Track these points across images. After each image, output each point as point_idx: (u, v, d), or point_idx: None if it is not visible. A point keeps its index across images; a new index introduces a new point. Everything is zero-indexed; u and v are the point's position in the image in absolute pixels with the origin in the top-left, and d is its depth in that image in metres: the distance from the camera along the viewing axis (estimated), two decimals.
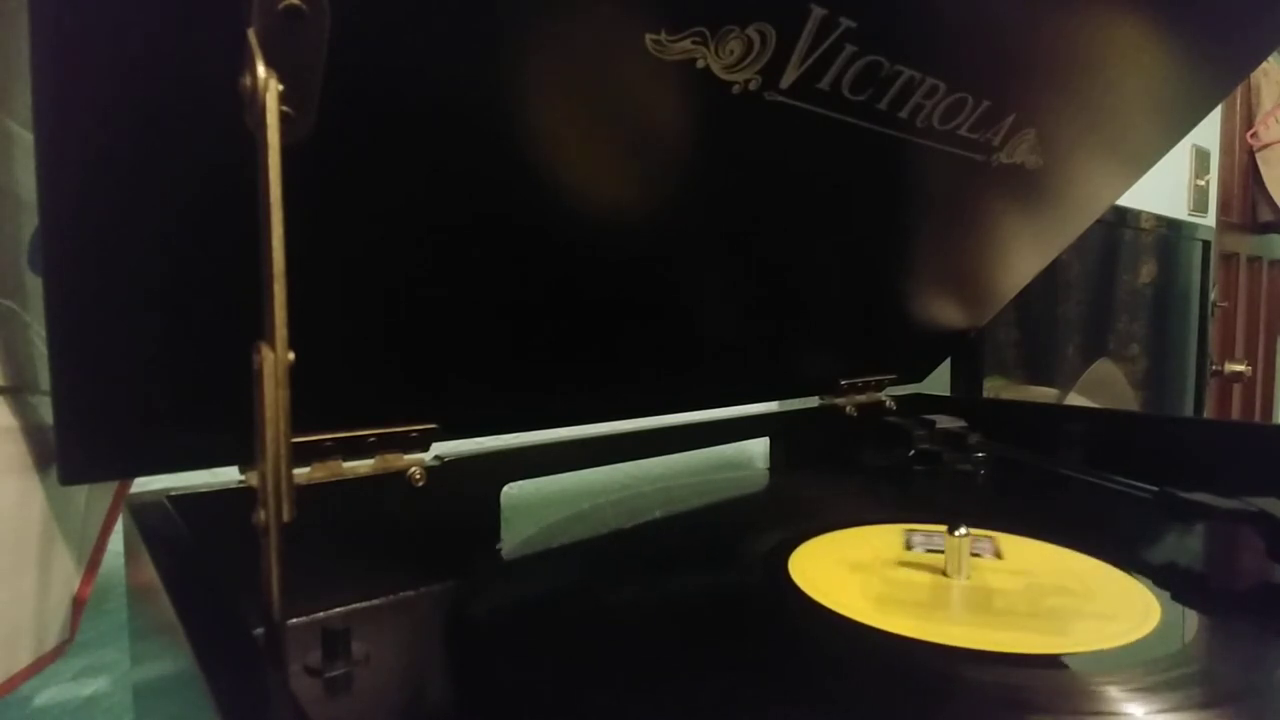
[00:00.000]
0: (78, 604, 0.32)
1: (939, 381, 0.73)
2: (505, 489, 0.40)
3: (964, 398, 0.76)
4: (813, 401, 0.61)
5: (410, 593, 0.35)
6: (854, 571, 0.35)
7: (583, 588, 0.35)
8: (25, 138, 0.27)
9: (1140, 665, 0.26)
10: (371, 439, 0.34)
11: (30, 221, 0.28)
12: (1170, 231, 1.09)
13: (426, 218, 0.30)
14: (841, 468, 0.57)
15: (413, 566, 0.36)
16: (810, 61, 0.31)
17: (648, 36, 0.28)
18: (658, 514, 0.45)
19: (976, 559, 0.36)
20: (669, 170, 0.35)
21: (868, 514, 0.43)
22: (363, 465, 0.34)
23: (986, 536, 0.39)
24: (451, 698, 0.27)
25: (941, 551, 0.35)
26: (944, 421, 0.58)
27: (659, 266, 0.40)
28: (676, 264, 0.41)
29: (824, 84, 0.33)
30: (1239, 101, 1.37)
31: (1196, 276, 1.17)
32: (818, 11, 0.29)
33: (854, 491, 0.52)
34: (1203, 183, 1.13)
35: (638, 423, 0.48)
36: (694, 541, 0.42)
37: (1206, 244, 1.17)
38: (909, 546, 0.38)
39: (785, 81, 0.32)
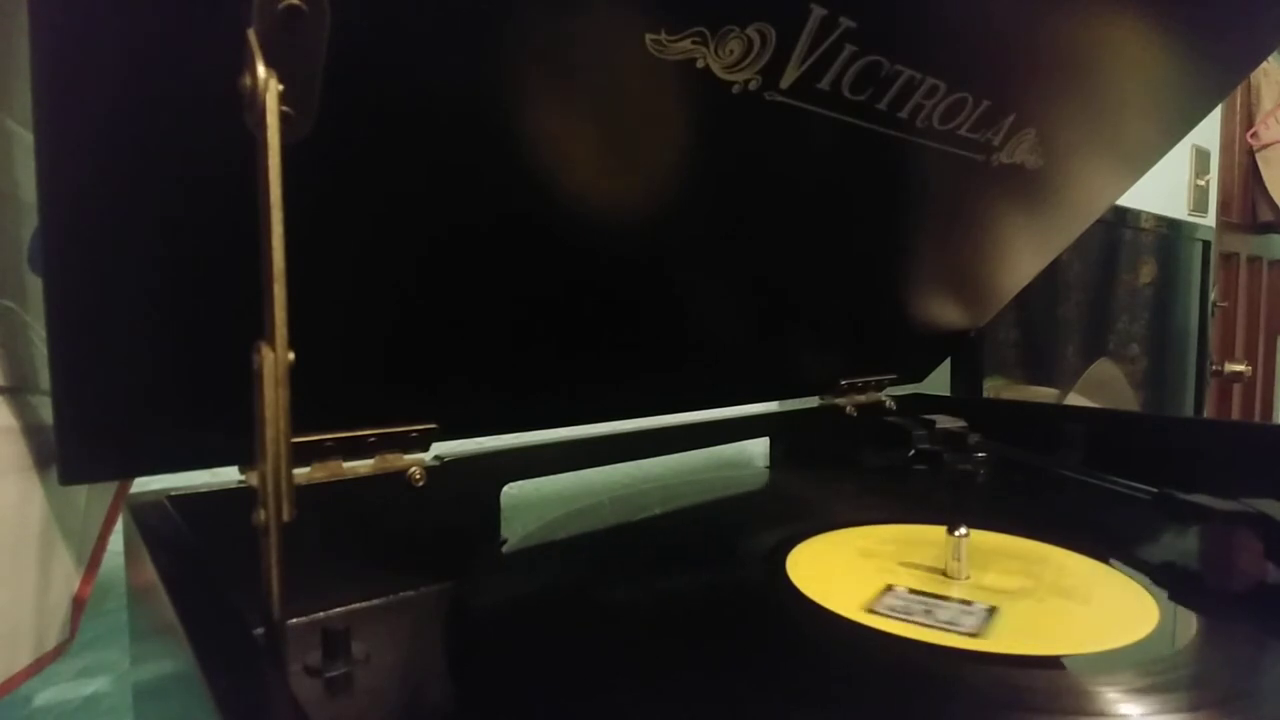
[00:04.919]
0: (78, 604, 0.32)
1: (939, 381, 0.73)
2: (505, 489, 0.40)
3: (964, 398, 0.76)
4: (813, 401, 0.61)
5: (410, 593, 0.35)
6: (852, 571, 0.35)
7: (581, 587, 0.35)
8: (25, 138, 0.27)
9: (1138, 666, 0.26)
10: (371, 439, 0.34)
11: (30, 221, 0.28)
12: (1170, 231, 1.09)
13: (426, 218, 0.30)
14: (841, 468, 0.57)
15: (413, 566, 0.36)
16: (810, 61, 0.31)
17: (648, 36, 0.28)
18: (657, 512, 0.45)
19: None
20: (669, 170, 0.35)
21: (867, 514, 0.43)
22: (363, 465, 0.34)
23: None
24: (451, 697, 0.27)
25: (913, 620, 0.30)
26: (944, 421, 0.58)
27: (659, 266, 0.40)
28: (676, 264, 0.41)
29: (824, 84, 0.33)
30: (1239, 101, 1.37)
31: (1196, 276, 1.17)
32: (818, 11, 0.29)
33: (854, 491, 0.52)
34: (1203, 183, 1.13)
35: (638, 423, 0.48)
36: (693, 540, 0.42)
37: (1206, 244, 1.17)
38: (875, 612, 0.30)
39: (785, 81, 0.32)
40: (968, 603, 0.31)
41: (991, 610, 0.30)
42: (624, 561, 0.38)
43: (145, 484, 0.32)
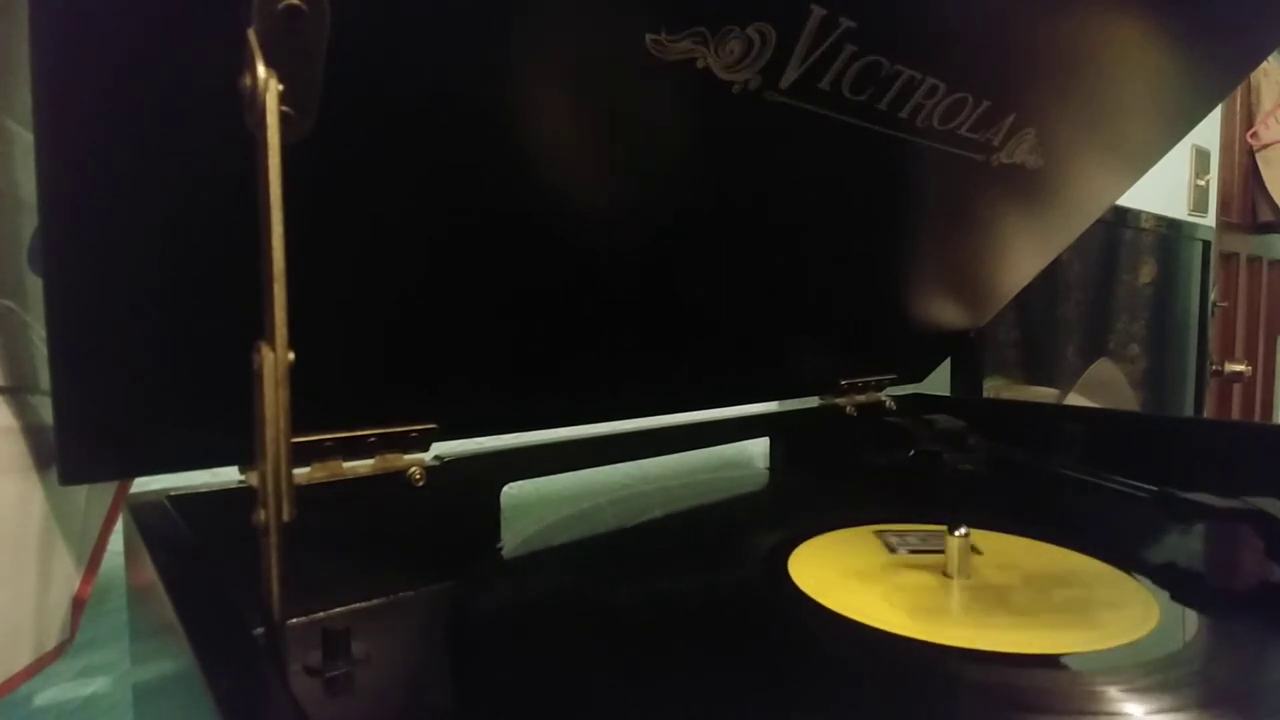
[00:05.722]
0: (78, 604, 0.32)
1: (939, 381, 0.73)
2: (505, 489, 0.40)
3: (964, 398, 0.76)
4: (813, 401, 0.61)
5: (410, 593, 0.35)
6: (854, 571, 0.35)
7: (582, 587, 0.35)
8: (25, 138, 0.27)
9: (1139, 665, 0.26)
10: (371, 439, 0.34)
11: (30, 221, 0.28)
12: (1170, 231, 1.09)
13: (426, 218, 0.30)
14: (841, 468, 0.57)
15: (413, 566, 0.36)
16: (810, 61, 0.31)
17: (648, 36, 0.28)
18: (657, 513, 0.45)
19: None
20: (668, 170, 0.35)
21: (867, 514, 0.43)
22: (363, 465, 0.34)
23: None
24: (451, 697, 0.27)
25: (931, 551, 0.35)
26: (944, 421, 0.58)
27: (659, 266, 0.40)
28: (676, 264, 0.41)
29: (824, 84, 0.33)
30: (1239, 101, 1.37)
31: (1196, 276, 1.17)
32: (818, 11, 0.29)
33: (854, 491, 0.52)
34: (1203, 183, 1.13)
35: (638, 423, 0.48)
36: (694, 541, 0.42)
37: (1206, 244, 1.17)
38: (891, 550, 0.38)
39: (785, 81, 0.32)
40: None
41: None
42: (624, 562, 0.38)
43: (145, 484, 0.32)
